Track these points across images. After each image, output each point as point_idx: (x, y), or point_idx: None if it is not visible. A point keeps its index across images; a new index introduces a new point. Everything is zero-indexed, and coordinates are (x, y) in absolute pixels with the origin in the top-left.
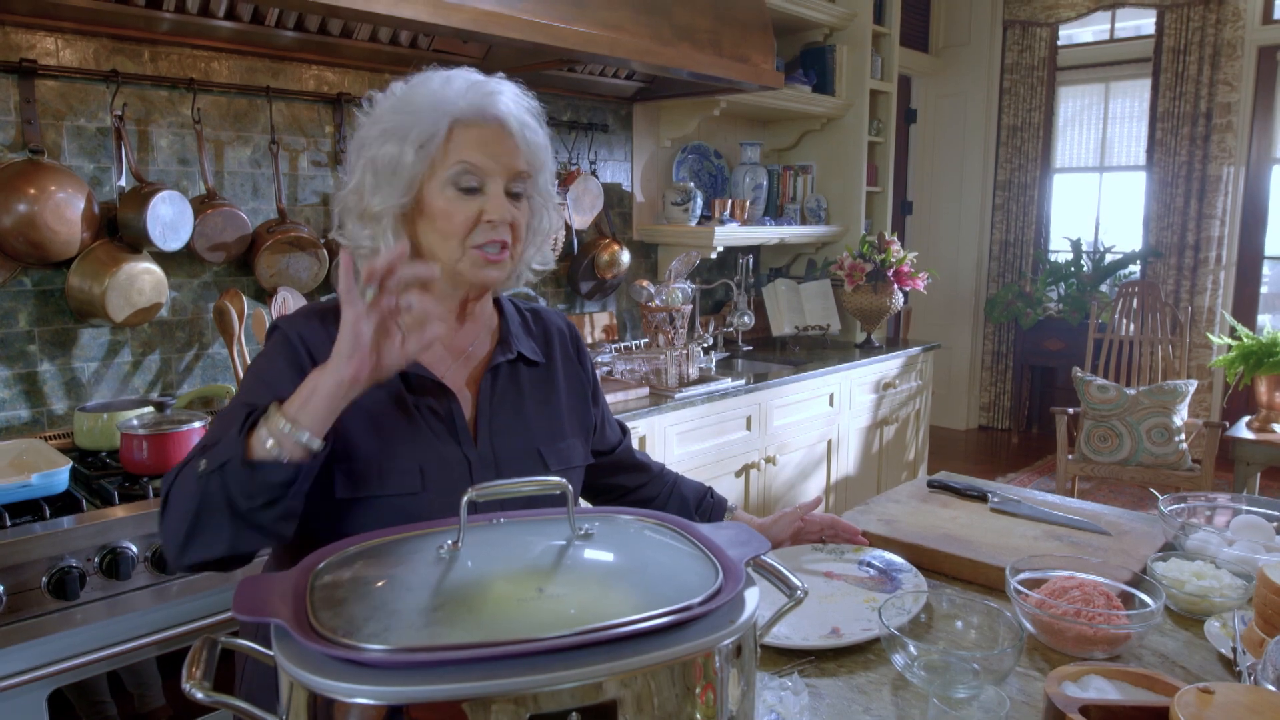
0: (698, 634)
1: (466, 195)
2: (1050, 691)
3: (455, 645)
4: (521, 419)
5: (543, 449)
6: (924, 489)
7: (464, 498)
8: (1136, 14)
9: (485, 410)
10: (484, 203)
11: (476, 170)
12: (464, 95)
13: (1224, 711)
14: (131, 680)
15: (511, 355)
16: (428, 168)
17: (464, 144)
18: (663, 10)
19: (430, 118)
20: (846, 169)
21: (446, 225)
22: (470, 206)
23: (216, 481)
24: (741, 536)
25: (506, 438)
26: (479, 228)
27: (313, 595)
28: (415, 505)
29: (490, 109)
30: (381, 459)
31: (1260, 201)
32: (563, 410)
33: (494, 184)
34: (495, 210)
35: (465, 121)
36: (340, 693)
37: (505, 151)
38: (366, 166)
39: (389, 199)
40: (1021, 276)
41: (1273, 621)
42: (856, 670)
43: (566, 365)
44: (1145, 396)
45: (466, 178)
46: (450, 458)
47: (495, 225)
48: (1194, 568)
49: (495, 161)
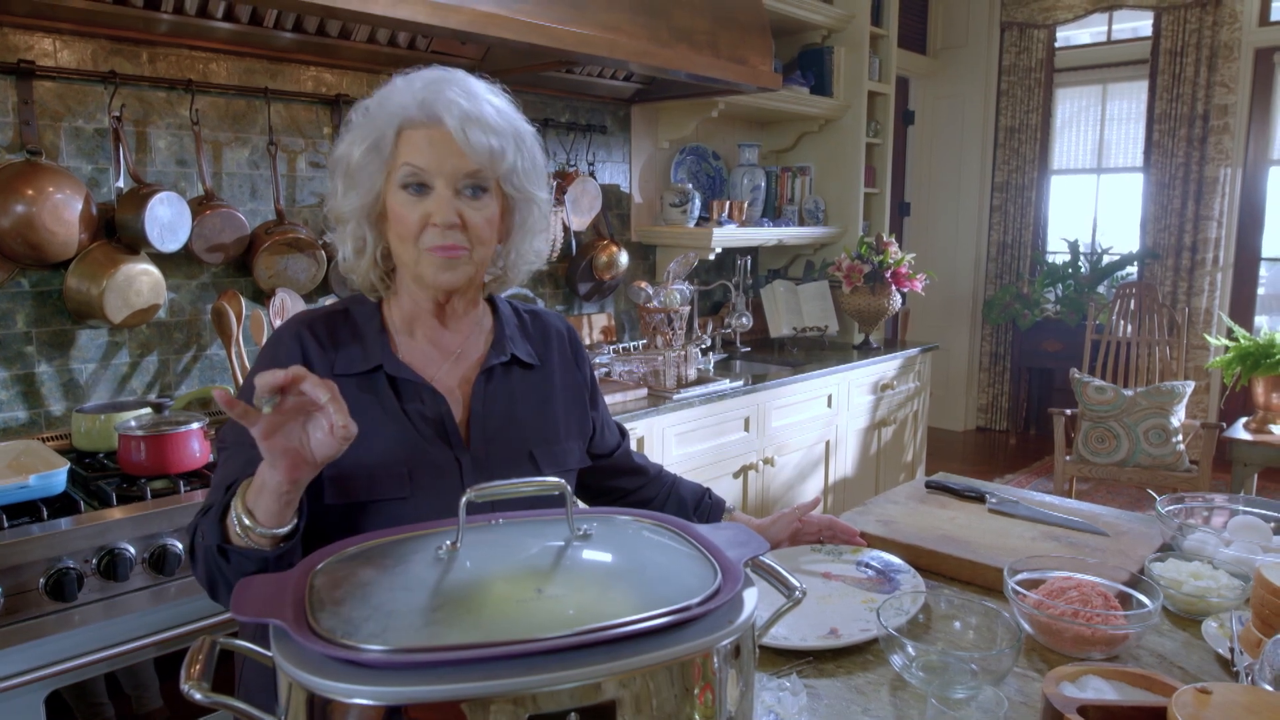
0: (696, 634)
1: (415, 197)
2: (1048, 692)
3: (454, 645)
4: (515, 422)
5: (535, 451)
6: (922, 490)
7: (463, 498)
8: (1134, 16)
9: (478, 413)
10: (430, 206)
11: (421, 172)
12: (415, 95)
13: (1221, 712)
14: (129, 682)
15: (505, 358)
16: (383, 171)
17: (409, 146)
18: (661, 12)
19: (383, 120)
20: (844, 170)
21: (400, 228)
22: (419, 209)
23: (212, 556)
24: (740, 537)
25: (499, 440)
26: (427, 230)
27: (311, 596)
28: (403, 510)
29: (435, 109)
30: (369, 465)
31: (1257, 203)
32: (558, 413)
33: (441, 185)
34: (439, 212)
35: (412, 123)
36: (339, 693)
37: (450, 153)
38: (340, 172)
39: (353, 200)
40: (1019, 278)
41: (1270, 622)
42: (855, 671)
43: (564, 368)
44: (1143, 398)
45: (410, 178)
46: (440, 460)
47: (441, 229)
48: (1191, 568)
49: (439, 162)
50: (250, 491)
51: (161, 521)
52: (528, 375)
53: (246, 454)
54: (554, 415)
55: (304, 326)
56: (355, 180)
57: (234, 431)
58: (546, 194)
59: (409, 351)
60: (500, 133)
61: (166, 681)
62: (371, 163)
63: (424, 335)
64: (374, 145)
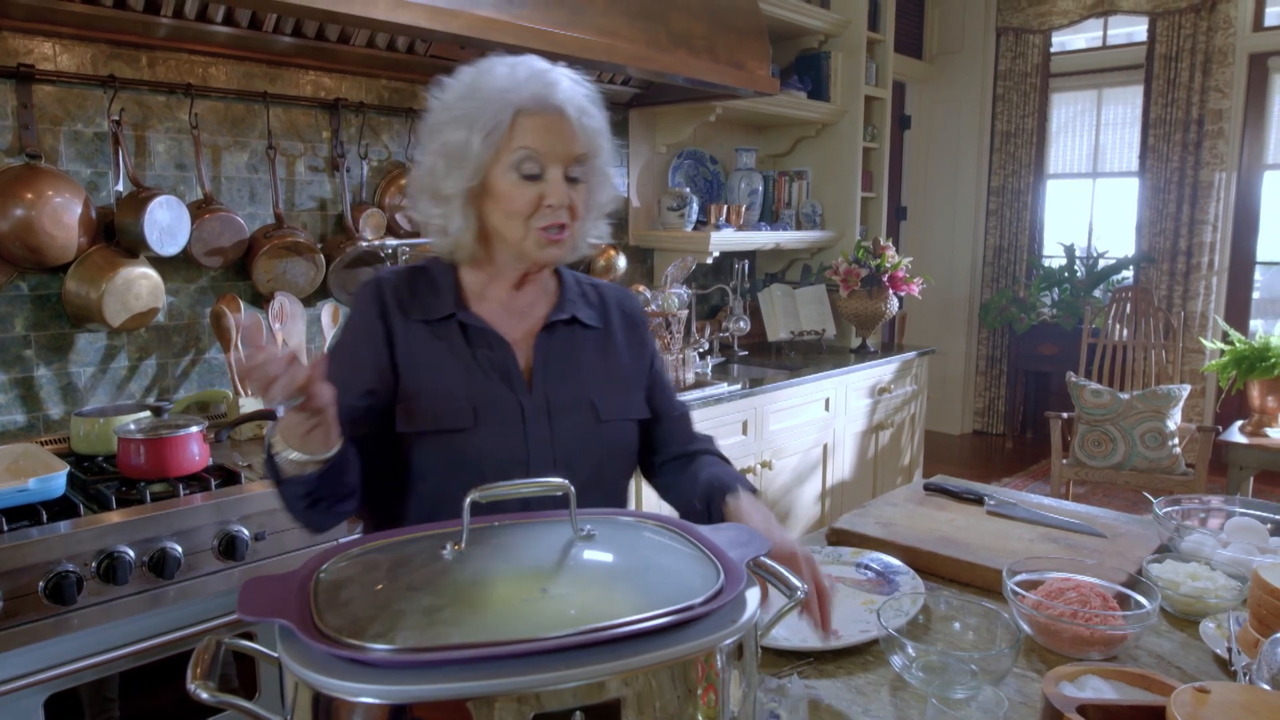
0: (700, 633)
1: (528, 180)
2: (1048, 691)
3: (459, 645)
4: (576, 372)
5: (595, 398)
6: (920, 492)
7: (466, 500)
8: (1129, 21)
9: (540, 361)
10: (544, 188)
11: (538, 156)
12: (526, 84)
13: (1220, 711)
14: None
15: (566, 316)
16: (493, 153)
17: (526, 131)
18: (659, 16)
19: (496, 106)
20: (841, 174)
21: (510, 207)
22: (532, 190)
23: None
24: (742, 538)
25: (560, 387)
26: (540, 211)
27: (317, 596)
28: (466, 441)
29: (550, 98)
30: (438, 398)
31: (1252, 207)
32: (619, 367)
33: (554, 169)
34: (555, 195)
35: (527, 110)
36: (345, 692)
37: (564, 138)
38: (438, 151)
39: (459, 182)
40: (1015, 282)
41: (1267, 622)
42: (855, 671)
43: (626, 329)
44: (1139, 401)
45: (528, 164)
46: (503, 400)
47: (555, 209)
48: (1189, 569)
49: (554, 148)
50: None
51: (160, 525)
52: (589, 334)
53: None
54: (615, 368)
55: (383, 284)
56: (461, 162)
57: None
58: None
59: (480, 307)
60: (600, 119)
61: (169, 683)
62: (483, 146)
63: (495, 296)
64: (489, 130)
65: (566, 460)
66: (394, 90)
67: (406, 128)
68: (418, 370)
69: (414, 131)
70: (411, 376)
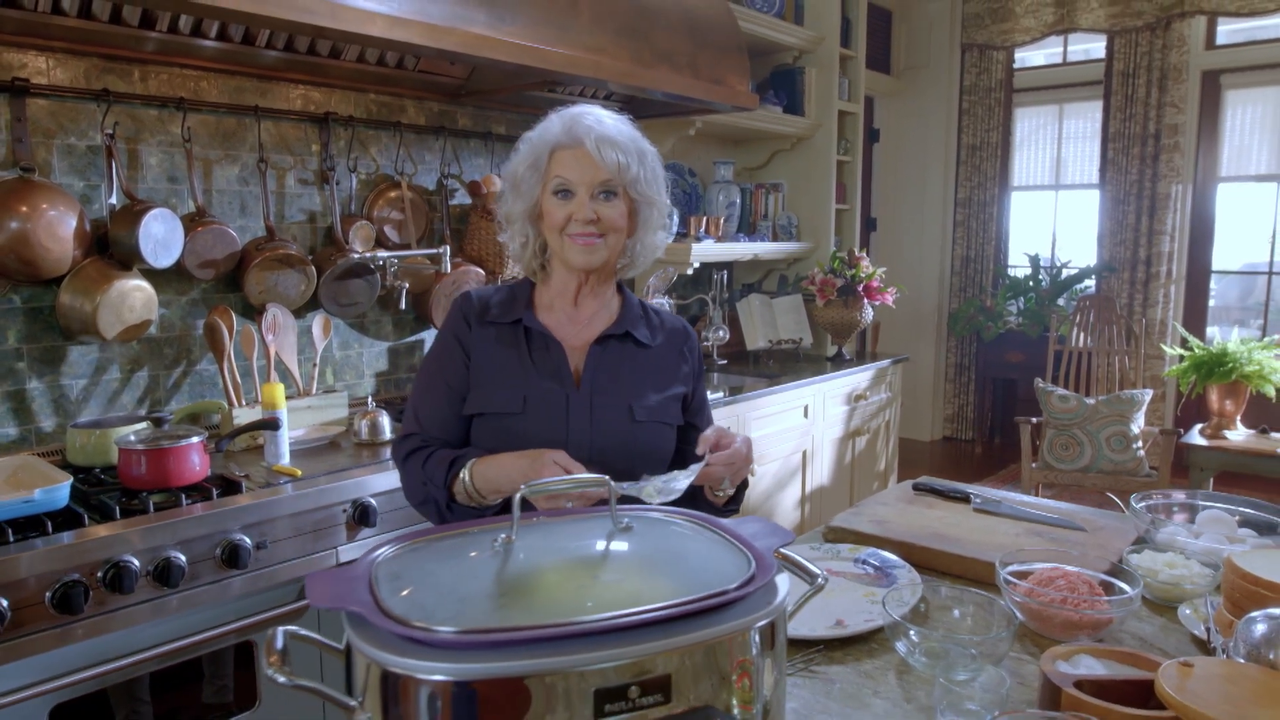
0: (739, 614)
1: (563, 200)
2: (1046, 669)
3: (521, 626)
4: (619, 379)
5: (634, 403)
6: (910, 492)
7: (516, 495)
8: (1088, 39)
9: (590, 366)
10: (573, 206)
11: (567, 182)
12: (563, 126)
13: (1203, 682)
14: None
15: (620, 331)
16: (540, 182)
17: (559, 162)
18: (643, 34)
19: (541, 146)
20: (816, 187)
21: (550, 221)
22: (565, 208)
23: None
24: (765, 529)
25: (603, 390)
26: (570, 223)
27: (378, 586)
28: (515, 425)
29: (577, 135)
30: (495, 386)
31: (1207, 218)
32: (660, 381)
33: (581, 191)
34: (579, 210)
35: (560, 146)
36: (417, 670)
37: (587, 168)
38: (507, 183)
39: (520, 205)
40: (982, 291)
41: (1240, 604)
42: (862, 658)
43: (671, 352)
44: (1104, 406)
45: (560, 187)
46: (551, 393)
47: (581, 222)
48: (1165, 559)
49: (581, 175)
50: (482, 480)
51: (164, 535)
52: (640, 351)
53: (445, 384)
54: (658, 382)
55: (470, 295)
56: (520, 191)
57: (436, 362)
58: (665, 199)
59: (545, 316)
60: (626, 150)
61: (177, 690)
62: (532, 177)
63: (561, 309)
64: (533, 164)
65: (602, 452)
66: (381, 104)
67: (395, 141)
68: (482, 363)
69: (402, 145)
70: (477, 368)
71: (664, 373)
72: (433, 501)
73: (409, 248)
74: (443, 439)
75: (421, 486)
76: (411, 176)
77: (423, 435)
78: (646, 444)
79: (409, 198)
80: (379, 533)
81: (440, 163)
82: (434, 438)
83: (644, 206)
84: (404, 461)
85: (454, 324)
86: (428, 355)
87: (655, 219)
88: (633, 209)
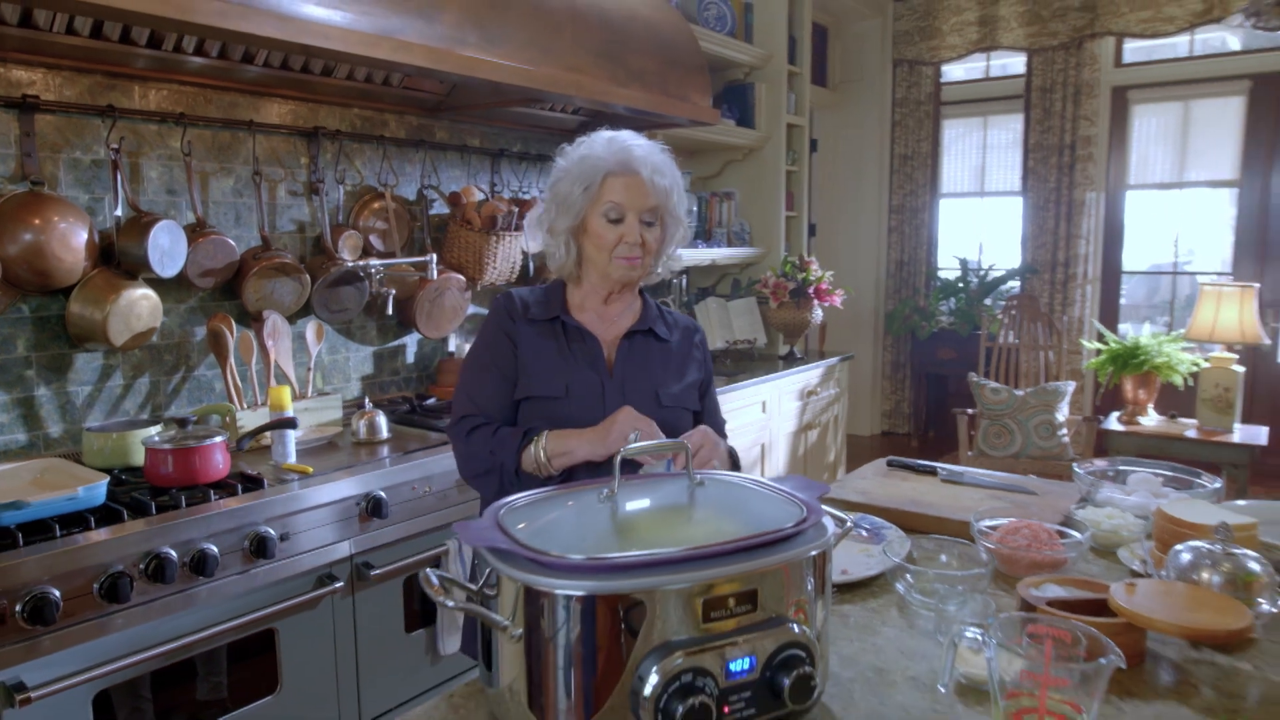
0: (800, 543)
1: (613, 223)
2: (1023, 593)
3: (640, 553)
4: (646, 368)
5: (659, 389)
6: (885, 468)
7: (617, 456)
8: (1009, 56)
9: (621, 357)
10: (624, 230)
11: (620, 208)
12: (615, 154)
13: (1145, 597)
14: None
15: (645, 328)
16: (590, 203)
17: (612, 189)
18: (617, 56)
19: (592, 169)
20: (766, 195)
21: (599, 242)
22: (615, 231)
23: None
24: (804, 484)
25: (633, 378)
26: (620, 245)
27: (513, 531)
28: (559, 408)
29: (631, 164)
30: (540, 374)
31: (1117, 223)
32: (680, 370)
33: (631, 216)
34: (630, 235)
35: (614, 173)
36: (559, 587)
37: (640, 195)
38: (554, 199)
39: (565, 221)
40: (916, 292)
41: (1167, 543)
42: (867, 599)
43: (685, 345)
44: (1031, 397)
45: (613, 211)
46: (588, 380)
47: (630, 245)
48: (1105, 513)
49: (632, 201)
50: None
51: (197, 528)
52: (660, 344)
53: (499, 371)
54: (677, 372)
55: (512, 295)
56: (568, 208)
57: (489, 353)
58: (687, 218)
59: (579, 314)
60: (670, 178)
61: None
62: (583, 198)
63: (591, 309)
64: (586, 186)
65: None
66: (365, 119)
67: (378, 154)
68: (528, 354)
69: (386, 157)
70: (524, 359)
71: (682, 363)
72: (497, 471)
73: (393, 256)
74: (500, 419)
75: (489, 456)
76: (393, 188)
77: (483, 414)
78: (670, 425)
79: (392, 208)
80: (390, 524)
81: (420, 174)
82: (493, 417)
83: (673, 225)
84: (467, 436)
85: (500, 320)
86: (474, 348)
87: (679, 236)
88: (664, 227)
